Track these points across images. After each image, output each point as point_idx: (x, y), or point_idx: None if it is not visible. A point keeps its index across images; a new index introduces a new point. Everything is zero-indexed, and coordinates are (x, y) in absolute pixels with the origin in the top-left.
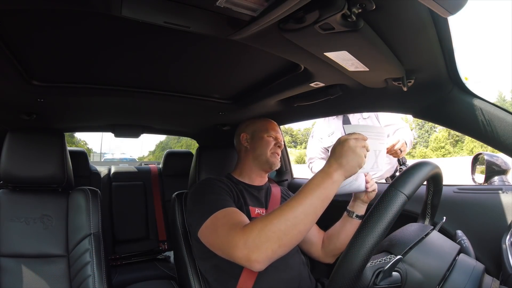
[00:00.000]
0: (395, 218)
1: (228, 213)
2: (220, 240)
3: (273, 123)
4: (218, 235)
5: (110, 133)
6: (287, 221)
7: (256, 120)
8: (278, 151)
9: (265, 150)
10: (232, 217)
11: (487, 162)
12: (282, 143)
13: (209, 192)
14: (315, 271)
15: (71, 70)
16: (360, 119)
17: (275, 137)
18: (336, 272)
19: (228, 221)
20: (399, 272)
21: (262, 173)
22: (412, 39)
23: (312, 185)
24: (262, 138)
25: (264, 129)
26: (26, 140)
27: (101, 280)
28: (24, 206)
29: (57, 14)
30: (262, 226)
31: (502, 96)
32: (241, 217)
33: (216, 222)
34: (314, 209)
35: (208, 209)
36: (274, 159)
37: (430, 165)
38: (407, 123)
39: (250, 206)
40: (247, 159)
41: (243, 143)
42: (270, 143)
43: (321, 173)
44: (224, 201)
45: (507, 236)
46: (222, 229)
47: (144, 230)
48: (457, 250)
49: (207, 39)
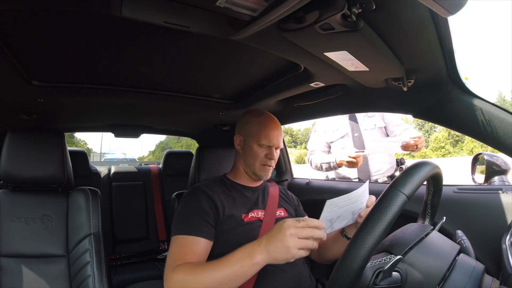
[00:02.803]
0: (395, 218)
1: (184, 243)
2: (166, 262)
3: (269, 126)
4: (167, 257)
5: (110, 133)
6: (202, 282)
7: (252, 119)
8: (269, 163)
9: (254, 162)
10: (182, 249)
11: (487, 162)
12: (274, 154)
13: (185, 210)
14: (315, 271)
15: (71, 70)
16: (365, 117)
17: (267, 146)
18: (336, 272)
19: (177, 250)
20: (399, 272)
21: (253, 180)
22: (412, 39)
23: (233, 257)
24: (251, 147)
25: (256, 136)
26: (26, 140)
27: (101, 280)
28: (24, 206)
29: (57, 14)
30: (184, 277)
31: (502, 96)
32: (189, 252)
33: (173, 243)
34: (227, 281)
35: (177, 228)
36: (263, 172)
37: (430, 165)
38: (407, 123)
39: (243, 214)
40: (239, 162)
41: (236, 146)
42: (258, 156)
43: (247, 249)
44: (191, 225)
45: (507, 236)
46: (170, 253)
47: (144, 230)
48: (457, 250)
49: (207, 39)
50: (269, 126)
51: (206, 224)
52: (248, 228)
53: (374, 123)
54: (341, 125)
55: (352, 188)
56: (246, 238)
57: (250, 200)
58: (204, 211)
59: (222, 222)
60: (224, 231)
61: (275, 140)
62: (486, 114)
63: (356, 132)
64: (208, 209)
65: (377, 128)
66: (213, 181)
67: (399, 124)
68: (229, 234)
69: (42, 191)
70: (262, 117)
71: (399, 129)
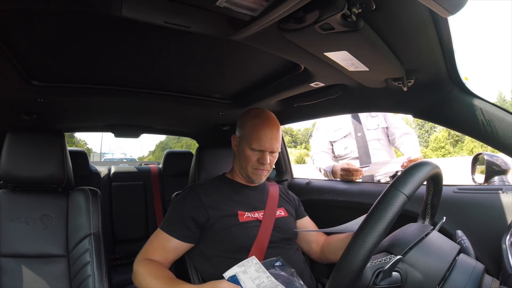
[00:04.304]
0: (395, 218)
1: (159, 237)
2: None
3: (263, 129)
4: (147, 242)
5: (110, 133)
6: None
7: (248, 121)
8: (261, 167)
9: (246, 165)
10: (154, 243)
11: (487, 162)
12: (267, 159)
13: (173, 208)
14: (315, 271)
15: (71, 70)
16: (368, 117)
17: (259, 150)
18: (336, 272)
19: (151, 242)
20: (399, 272)
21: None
22: (412, 39)
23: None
24: (243, 150)
25: (248, 140)
26: (26, 140)
27: (101, 280)
28: (24, 206)
29: (57, 14)
30: (143, 274)
31: (502, 96)
32: (158, 248)
33: (154, 233)
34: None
35: (162, 221)
36: (255, 176)
37: (430, 165)
38: (407, 123)
39: (239, 213)
40: (236, 163)
41: (233, 147)
42: (251, 160)
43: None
44: (170, 224)
45: (507, 236)
46: (147, 242)
47: (144, 230)
48: (457, 250)
49: (207, 39)
50: (262, 130)
51: (183, 227)
52: (243, 227)
53: (377, 123)
54: (343, 125)
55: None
56: (242, 237)
57: (249, 199)
58: (188, 214)
59: (215, 222)
60: (219, 230)
61: (268, 144)
62: (486, 114)
63: (359, 132)
64: (194, 212)
65: (380, 128)
66: (211, 180)
67: (399, 126)
68: (224, 234)
69: (42, 191)
70: (258, 119)
71: (399, 132)
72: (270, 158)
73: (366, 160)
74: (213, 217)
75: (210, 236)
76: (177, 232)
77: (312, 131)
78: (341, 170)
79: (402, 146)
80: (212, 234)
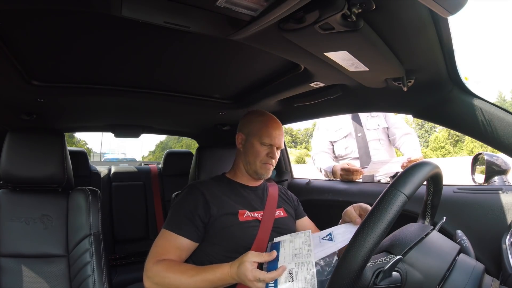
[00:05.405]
0: (395, 218)
1: (169, 239)
2: (150, 251)
3: (272, 125)
4: (152, 246)
5: (110, 133)
6: (181, 282)
7: (255, 119)
8: (270, 162)
9: (255, 160)
10: (166, 244)
11: (487, 162)
12: (276, 153)
13: (178, 208)
14: None
15: (71, 70)
16: (369, 117)
17: (269, 144)
18: (336, 272)
19: (161, 244)
20: (399, 272)
21: (253, 179)
22: (412, 39)
23: (212, 272)
24: (253, 145)
25: (258, 134)
26: (26, 140)
27: (101, 280)
28: (24, 206)
29: (57, 14)
30: (164, 272)
31: (502, 96)
32: (172, 250)
33: (161, 235)
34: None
35: (168, 222)
36: (264, 170)
37: (430, 165)
38: (407, 123)
39: (239, 213)
40: (240, 161)
41: (237, 145)
42: (260, 154)
43: (222, 274)
44: (179, 224)
45: (507, 236)
46: (155, 245)
47: (144, 230)
48: (457, 250)
49: (207, 39)
50: (271, 126)
51: (192, 226)
52: (243, 227)
53: (378, 123)
54: (344, 125)
55: (352, 188)
56: (242, 237)
57: (249, 199)
58: (194, 212)
59: (215, 221)
60: (219, 229)
61: (277, 139)
62: (486, 114)
63: (359, 132)
64: (200, 209)
65: (380, 128)
66: (211, 179)
67: (400, 127)
68: (224, 233)
69: (42, 191)
70: (265, 117)
71: (399, 132)
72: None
73: (366, 160)
74: (215, 214)
75: (210, 236)
76: (187, 231)
77: (313, 131)
78: (341, 170)
79: (403, 146)
80: (212, 233)
